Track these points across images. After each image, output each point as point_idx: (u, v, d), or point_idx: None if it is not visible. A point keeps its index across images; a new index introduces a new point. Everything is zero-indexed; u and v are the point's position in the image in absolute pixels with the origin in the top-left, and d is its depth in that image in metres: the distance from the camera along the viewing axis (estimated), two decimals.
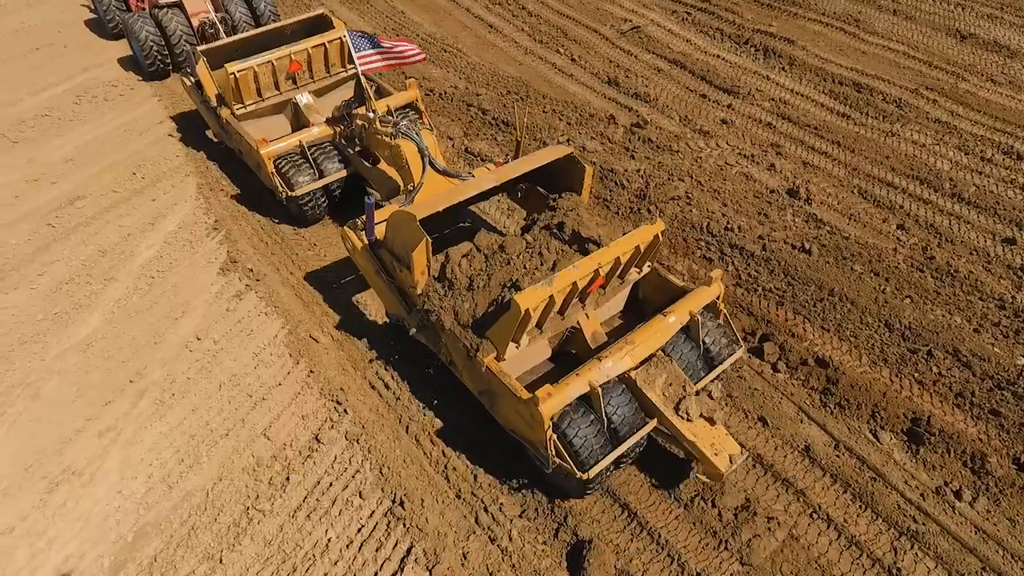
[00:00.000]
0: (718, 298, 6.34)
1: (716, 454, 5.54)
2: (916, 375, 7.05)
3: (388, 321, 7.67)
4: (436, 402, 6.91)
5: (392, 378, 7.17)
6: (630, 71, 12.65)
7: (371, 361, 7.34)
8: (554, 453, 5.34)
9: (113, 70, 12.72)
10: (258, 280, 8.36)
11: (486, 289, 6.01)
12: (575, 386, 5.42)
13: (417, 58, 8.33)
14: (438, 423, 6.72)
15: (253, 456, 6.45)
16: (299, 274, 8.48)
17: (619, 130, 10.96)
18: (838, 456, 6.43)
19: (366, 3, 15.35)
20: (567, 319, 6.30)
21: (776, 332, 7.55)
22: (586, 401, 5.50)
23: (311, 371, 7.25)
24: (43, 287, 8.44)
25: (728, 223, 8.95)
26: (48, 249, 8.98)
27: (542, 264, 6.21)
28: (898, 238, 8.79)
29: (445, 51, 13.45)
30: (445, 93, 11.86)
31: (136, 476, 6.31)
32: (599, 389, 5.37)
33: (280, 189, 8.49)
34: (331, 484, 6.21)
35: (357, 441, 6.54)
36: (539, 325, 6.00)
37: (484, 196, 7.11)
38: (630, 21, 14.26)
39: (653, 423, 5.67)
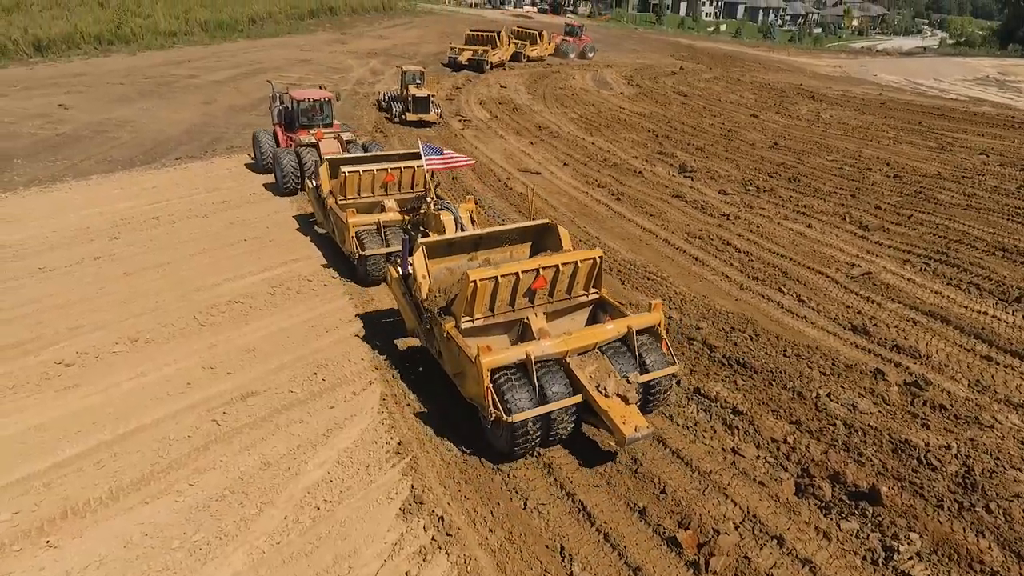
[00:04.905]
0: (658, 325, 7.84)
1: (624, 423, 6.77)
2: None
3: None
4: None
5: None
6: (877, 319, 10.67)
7: None
8: (491, 403, 6.80)
9: (310, 266, 12.54)
10: (448, 535, 6.28)
11: (458, 283, 8.01)
12: (513, 352, 7.11)
13: (467, 163, 11.52)
14: None
15: None
16: (505, 530, 6.34)
17: (893, 389, 8.66)
18: None
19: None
20: (518, 312, 8.11)
21: None
22: (525, 372, 7.03)
23: None
24: (189, 500, 6.82)
25: None
26: (206, 451, 7.56)
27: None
28: None
29: (648, 279, 12.30)
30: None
31: None
32: (532, 358, 7.01)
33: (355, 251, 11.54)
34: None
35: None
36: (492, 309, 7.86)
37: (493, 246, 9.22)
38: (859, 266, 12.66)
39: (578, 398, 7.08)
